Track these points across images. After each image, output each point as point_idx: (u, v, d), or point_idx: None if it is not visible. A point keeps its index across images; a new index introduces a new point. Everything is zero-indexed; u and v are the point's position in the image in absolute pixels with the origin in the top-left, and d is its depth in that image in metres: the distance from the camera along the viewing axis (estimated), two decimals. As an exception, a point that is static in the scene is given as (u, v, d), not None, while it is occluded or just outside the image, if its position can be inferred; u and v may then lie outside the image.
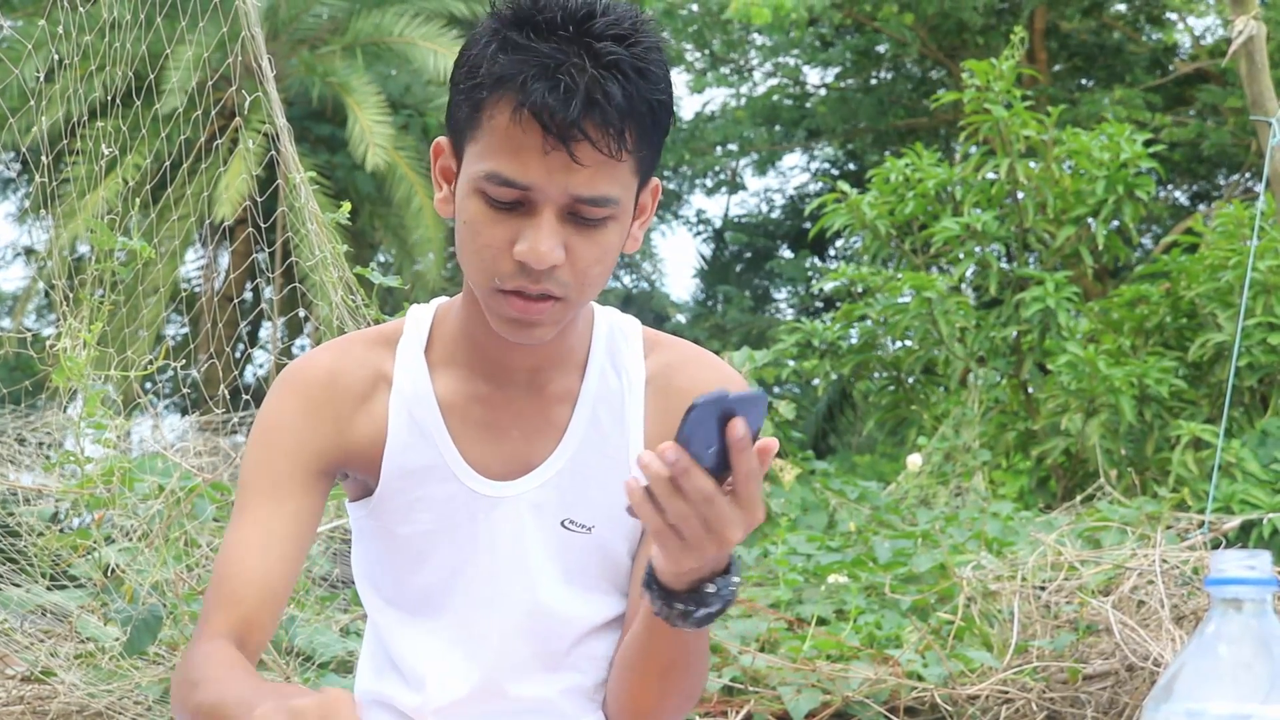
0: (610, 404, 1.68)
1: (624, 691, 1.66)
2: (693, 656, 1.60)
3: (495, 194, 1.50)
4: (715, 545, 1.41)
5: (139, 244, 3.49)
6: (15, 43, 8.90)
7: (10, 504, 3.84)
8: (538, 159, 1.47)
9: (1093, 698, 3.56)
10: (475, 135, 1.52)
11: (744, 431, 1.37)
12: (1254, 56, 5.40)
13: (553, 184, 1.48)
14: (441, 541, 1.66)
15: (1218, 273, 7.82)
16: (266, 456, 1.63)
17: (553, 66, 1.46)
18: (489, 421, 1.66)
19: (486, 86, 1.49)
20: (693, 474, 1.36)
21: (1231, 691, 1.07)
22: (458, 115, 1.55)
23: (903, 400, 9.12)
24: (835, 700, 3.50)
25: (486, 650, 1.68)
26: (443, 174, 1.62)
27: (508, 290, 1.52)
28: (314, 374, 1.66)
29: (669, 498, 1.38)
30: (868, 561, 4.52)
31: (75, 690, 3.19)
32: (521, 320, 1.54)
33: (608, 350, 1.70)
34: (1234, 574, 1.10)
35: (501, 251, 1.51)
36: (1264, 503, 6.42)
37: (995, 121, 8.26)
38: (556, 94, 1.45)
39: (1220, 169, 18.73)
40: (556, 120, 1.45)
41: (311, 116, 17.40)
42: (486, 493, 1.65)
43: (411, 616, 1.70)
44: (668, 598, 1.48)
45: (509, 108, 1.47)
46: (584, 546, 1.67)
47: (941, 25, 17.23)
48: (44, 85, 4.05)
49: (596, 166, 1.49)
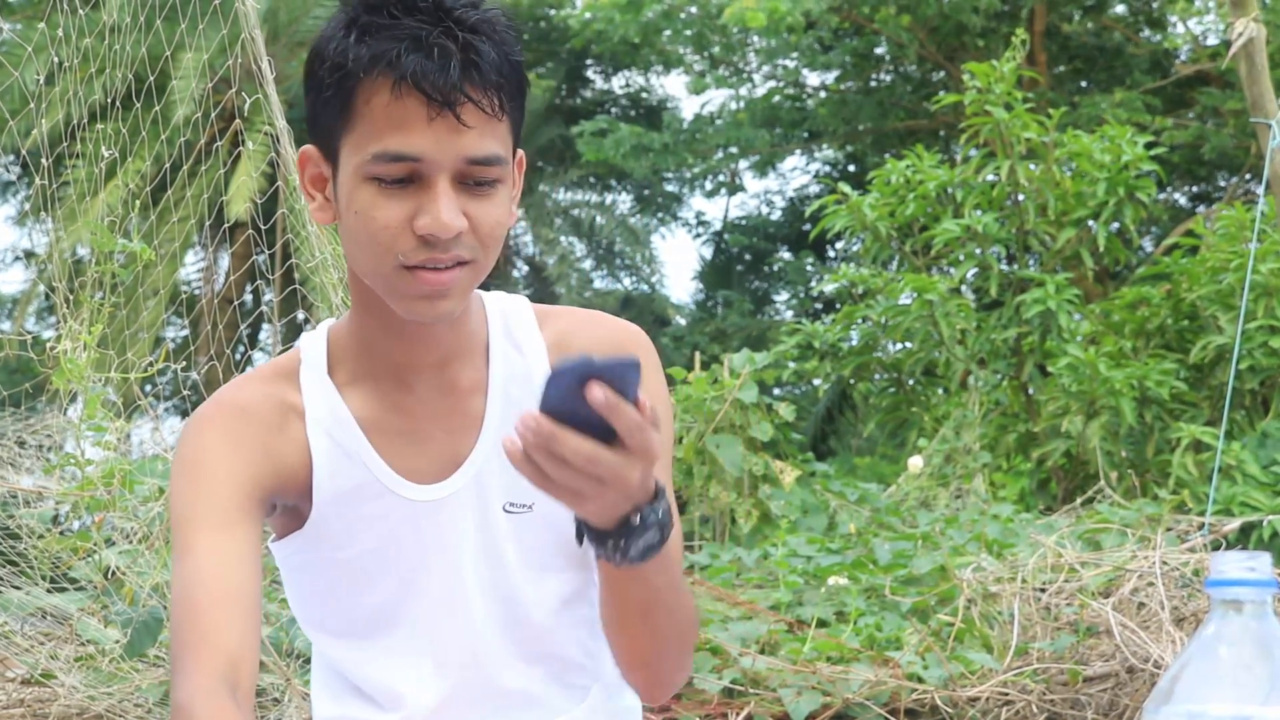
0: (520, 382, 1.67)
1: (620, 648, 1.63)
2: (664, 594, 1.55)
3: (386, 172, 1.49)
4: (615, 491, 1.37)
5: (139, 246, 3.49)
6: (15, 46, 8.90)
7: (10, 506, 3.84)
8: (423, 128, 1.48)
9: (1093, 699, 3.56)
10: (351, 124, 1.51)
11: (604, 395, 1.32)
12: (1254, 58, 5.40)
13: (442, 150, 1.49)
14: (388, 557, 1.63)
15: (1219, 275, 7.83)
16: (201, 489, 1.58)
17: (423, 37, 1.47)
18: (409, 429, 1.64)
19: (356, 73, 1.49)
20: (562, 439, 1.33)
21: (1232, 693, 1.07)
22: (324, 114, 1.54)
23: (903, 402, 9.12)
24: (835, 702, 3.50)
25: (456, 652, 1.66)
26: (313, 183, 1.60)
27: (413, 266, 1.51)
28: (225, 408, 1.63)
29: (549, 463, 1.35)
30: (868, 563, 4.52)
31: (75, 693, 3.19)
32: (432, 294, 1.52)
33: (505, 332, 1.69)
34: (1234, 576, 1.10)
35: (401, 229, 1.50)
36: (1264, 505, 6.42)
37: (996, 123, 8.27)
38: (432, 62, 1.47)
39: (1220, 171, 18.74)
40: (437, 86, 1.47)
41: (311, 118, 17.43)
42: (423, 498, 1.63)
43: (367, 640, 1.66)
44: (600, 539, 1.45)
45: (386, 85, 1.48)
46: (530, 525, 1.66)
47: (941, 27, 17.24)
48: (44, 88, 4.05)
49: (481, 127, 1.50)
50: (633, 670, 1.65)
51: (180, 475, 1.60)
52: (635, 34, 18.21)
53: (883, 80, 20.28)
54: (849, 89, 20.12)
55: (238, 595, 1.52)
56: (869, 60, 19.73)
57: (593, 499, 1.39)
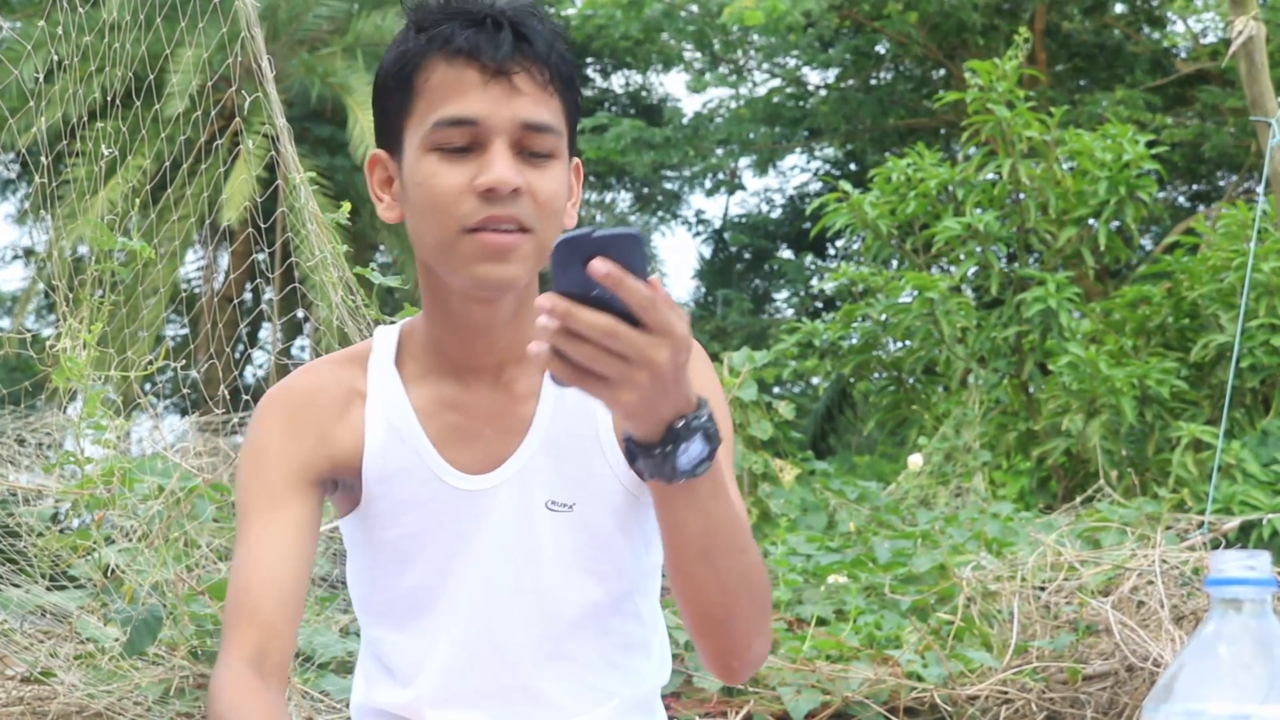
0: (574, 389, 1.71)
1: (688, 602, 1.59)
2: (726, 531, 1.53)
3: (447, 138, 1.58)
4: (646, 373, 1.35)
5: (139, 244, 3.49)
6: (15, 44, 8.90)
7: (10, 504, 3.84)
8: (479, 92, 1.58)
9: (1092, 698, 3.56)
10: (412, 106, 1.61)
11: (607, 267, 1.31)
12: (1253, 57, 5.40)
13: (498, 113, 1.58)
14: (428, 541, 1.68)
15: (1220, 274, 7.83)
16: (258, 475, 1.68)
17: (476, 16, 1.59)
18: (461, 424, 1.70)
19: (415, 57, 1.60)
20: (577, 314, 1.32)
21: (1231, 692, 1.07)
22: (389, 110, 1.64)
23: (903, 400, 9.12)
24: (835, 701, 3.50)
25: (481, 640, 1.70)
26: (380, 186, 1.69)
27: (474, 227, 1.58)
28: (293, 395, 1.72)
29: (570, 345, 1.33)
30: (867, 562, 4.52)
31: (75, 691, 3.18)
32: (495, 254, 1.58)
33: None
34: (1234, 574, 1.10)
35: (463, 192, 1.58)
36: (1264, 504, 6.43)
37: (998, 122, 8.26)
38: (485, 34, 1.58)
39: (1221, 170, 18.73)
40: (490, 54, 1.57)
41: (311, 117, 17.41)
42: (467, 487, 1.68)
43: (403, 621, 1.72)
44: (646, 450, 1.44)
45: (442, 59, 1.59)
46: (570, 526, 1.70)
47: (942, 25, 17.23)
48: (43, 86, 4.05)
49: (534, 94, 1.60)
50: (707, 635, 1.61)
51: (242, 460, 1.71)
52: (638, 32, 18.21)
53: (883, 78, 20.27)
54: (849, 87, 20.12)
55: (280, 576, 1.62)
56: (869, 58, 19.72)
57: (623, 384, 1.36)
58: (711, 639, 1.61)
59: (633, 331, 1.34)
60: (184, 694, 3.23)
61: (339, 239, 3.98)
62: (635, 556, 1.75)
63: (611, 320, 1.33)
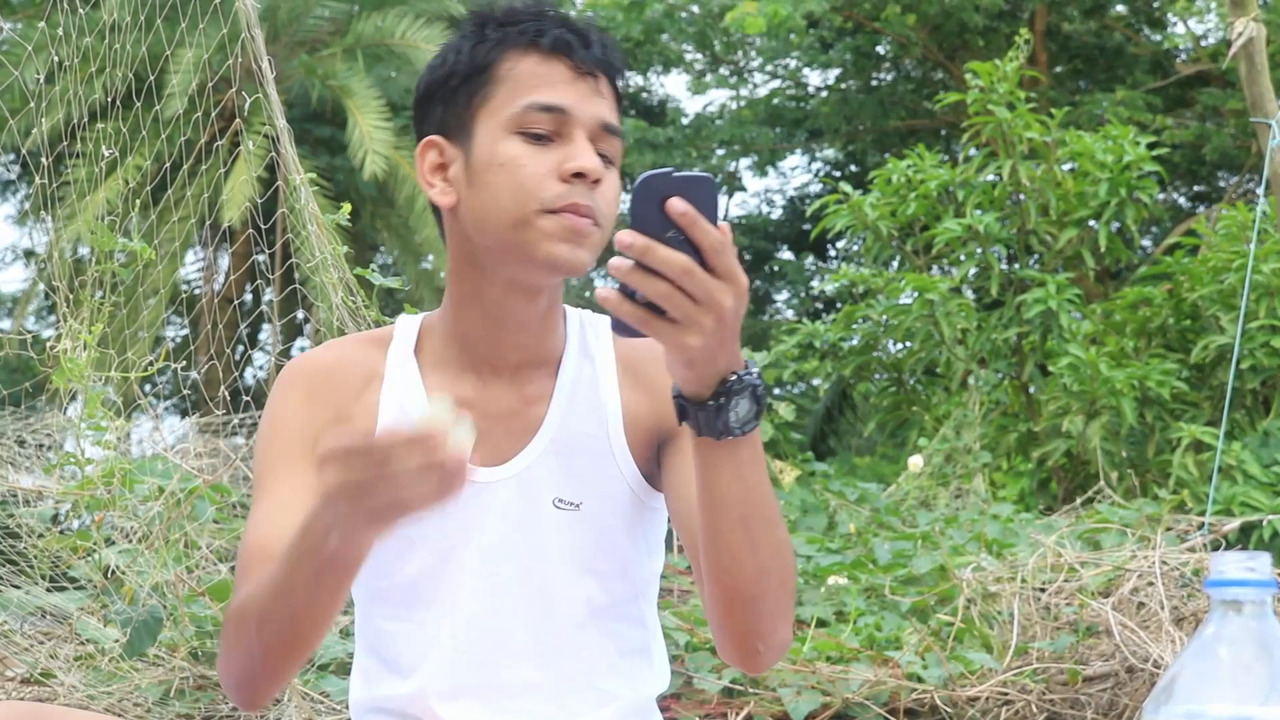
0: (586, 388, 1.76)
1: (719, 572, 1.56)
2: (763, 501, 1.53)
3: (534, 121, 1.64)
4: (712, 318, 1.38)
5: (139, 245, 3.49)
6: (15, 45, 8.91)
7: (10, 506, 3.84)
8: (569, 86, 1.66)
9: (1093, 699, 3.55)
10: (492, 92, 1.67)
11: (684, 207, 1.35)
12: (1254, 58, 5.40)
13: (585, 108, 1.66)
14: (430, 530, 1.68)
15: (1220, 275, 7.82)
16: (277, 442, 1.72)
17: (559, 20, 1.69)
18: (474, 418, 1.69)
19: (499, 49, 1.68)
20: (655, 250, 1.35)
21: (1231, 693, 1.07)
22: (458, 97, 1.69)
23: (904, 402, 9.12)
24: (835, 702, 3.50)
25: (484, 637, 1.70)
26: (432, 171, 1.72)
27: (558, 209, 1.62)
28: (314, 367, 1.76)
29: (644, 281, 1.36)
30: (867, 563, 4.51)
31: (75, 692, 3.18)
32: (574, 233, 1.63)
33: (580, 344, 1.79)
34: (1234, 576, 1.10)
35: (547, 176, 1.63)
36: (1264, 505, 6.42)
37: (998, 123, 8.26)
38: (574, 35, 1.68)
39: (1221, 171, 18.73)
40: (580, 55, 1.67)
41: (311, 119, 17.40)
42: (476, 478, 1.69)
43: (404, 610, 1.72)
44: (699, 405, 1.46)
45: (533, 52, 1.67)
46: (575, 525, 1.71)
47: (943, 26, 17.24)
48: (44, 87, 4.05)
49: (610, 100, 1.70)
50: (734, 614, 1.58)
51: (262, 428, 1.75)
52: (639, 33, 18.21)
53: (883, 79, 20.27)
54: (850, 88, 20.12)
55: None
56: (870, 59, 19.72)
57: (691, 328, 1.38)
58: (739, 619, 1.59)
59: (703, 272, 1.37)
60: (184, 695, 3.23)
61: (339, 240, 3.98)
62: (639, 560, 1.76)
63: (688, 259, 1.36)
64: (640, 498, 1.74)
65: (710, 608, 1.61)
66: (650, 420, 1.75)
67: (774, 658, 1.63)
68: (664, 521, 1.81)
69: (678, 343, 1.40)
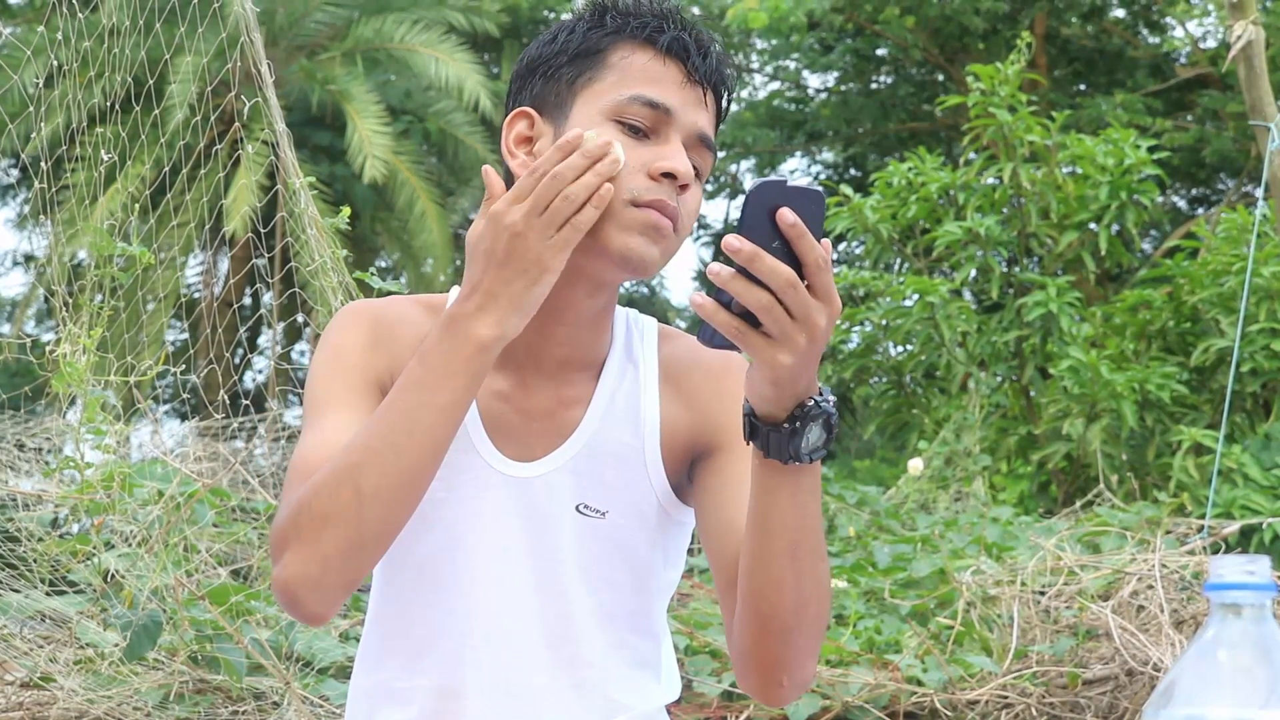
0: (627, 395, 1.73)
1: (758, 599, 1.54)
2: (812, 531, 1.53)
3: (636, 116, 1.63)
4: (805, 336, 1.36)
5: (138, 249, 3.49)
6: (15, 49, 8.91)
7: (10, 509, 3.84)
8: (677, 89, 1.65)
9: (1092, 703, 3.55)
10: (600, 76, 1.65)
11: (794, 219, 1.33)
12: (1253, 62, 5.41)
13: (687, 114, 1.65)
14: (447, 509, 1.67)
15: (1220, 278, 7.83)
16: (336, 372, 1.69)
17: (681, 23, 1.68)
18: (507, 414, 1.70)
19: (616, 35, 1.67)
20: (763, 258, 1.33)
21: (1231, 697, 1.07)
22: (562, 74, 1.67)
23: (904, 404, 9.12)
24: (835, 705, 3.50)
25: (494, 636, 1.68)
26: (518, 141, 1.69)
27: (644, 203, 1.61)
28: (380, 315, 1.74)
29: (746, 290, 1.34)
30: (867, 566, 4.51)
31: (74, 696, 3.18)
32: (655, 226, 1.61)
33: (625, 348, 1.76)
34: (1233, 579, 1.10)
35: (637, 171, 1.61)
36: (1264, 508, 6.42)
37: (999, 126, 8.27)
38: (693, 44, 1.67)
39: (1220, 174, 18.73)
40: (694, 62, 1.66)
41: (311, 124, 17.40)
42: (500, 469, 1.68)
43: (412, 592, 1.70)
44: (774, 427, 1.44)
45: (648, 48, 1.66)
46: (597, 533, 1.69)
47: (943, 29, 17.24)
48: (43, 91, 4.05)
49: (712, 115, 1.69)
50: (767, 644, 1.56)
51: (321, 355, 1.72)
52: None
53: (883, 82, 20.28)
54: (850, 90, 20.12)
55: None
56: (870, 62, 19.73)
57: (784, 344, 1.37)
58: (770, 648, 1.57)
59: (805, 290, 1.36)
60: (184, 699, 3.23)
61: (339, 244, 3.98)
62: (656, 572, 1.75)
63: (793, 272, 1.34)
64: (667, 510, 1.72)
65: (739, 633, 1.59)
66: (687, 434, 1.73)
67: (796, 694, 1.61)
68: (687, 534, 1.79)
69: (769, 359, 1.38)
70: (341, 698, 3.18)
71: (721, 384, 1.74)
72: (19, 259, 20.38)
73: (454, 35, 17.73)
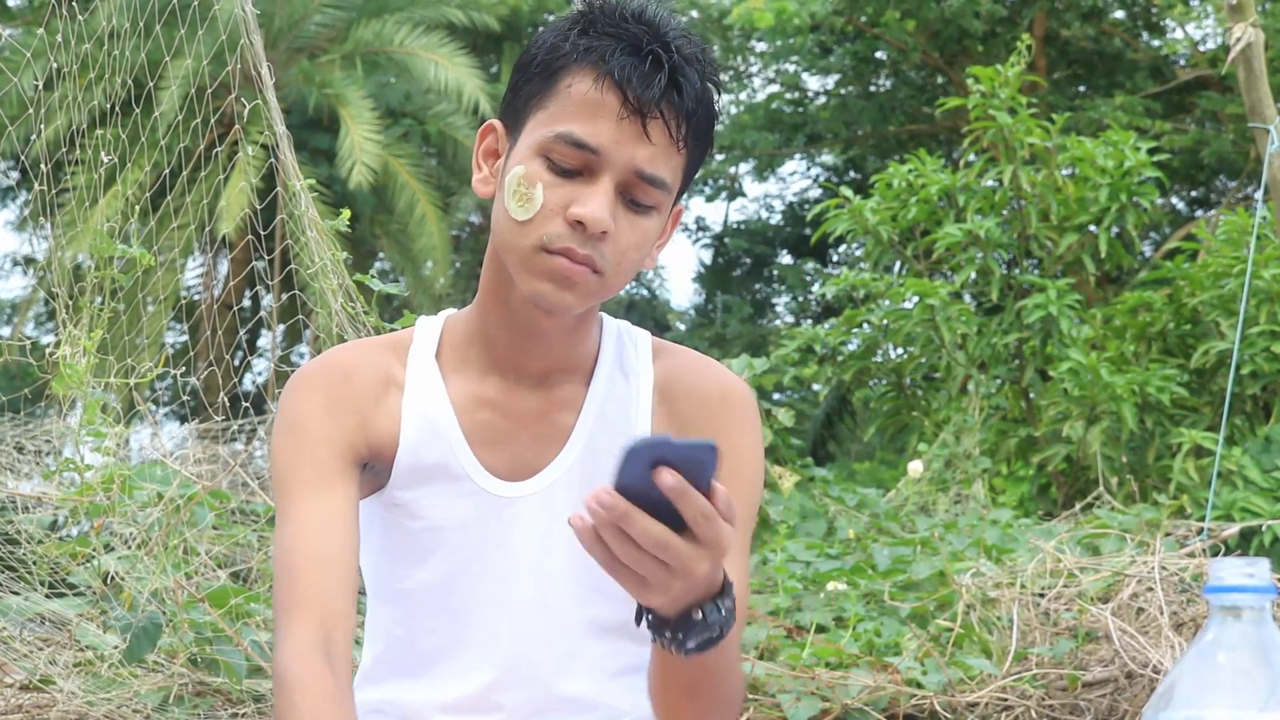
0: (618, 405, 1.71)
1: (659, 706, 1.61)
2: (717, 675, 1.54)
3: (561, 156, 1.56)
4: (681, 583, 1.35)
5: (138, 251, 3.49)
6: (15, 52, 8.90)
7: (9, 512, 3.84)
8: (611, 125, 1.55)
9: (1092, 705, 3.55)
10: (546, 103, 1.58)
11: (673, 480, 1.28)
12: (1252, 64, 5.40)
13: (620, 152, 1.55)
14: (446, 539, 1.67)
15: (1220, 280, 7.82)
16: (301, 451, 1.63)
17: (640, 45, 1.56)
18: (498, 425, 1.69)
19: (570, 57, 1.57)
20: (634, 518, 1.31)
21: (1230, 699, 1.07)
22: (524, 89, 1.61)
23: (903, 406, 9.12)
24: (834, 708, 3.49)
25: (496, 651, 1.68)
26: (486, 155, 1.67)
27: (554, 250, 1.56)
28: (331, 372, 1.68)
29: (618, 543, 1.32)
30: (867, 569, 4.51)
31: (74, 698, 3.18)
32: (564, 278, 1.56)
33: (616, 356, 1.74)
34: (1233, 581, 1.10)
35: (554, 213, 1.56)
36: (1265, 510, 6.42)
37: (999, 128, 8.27)
38: (641, 69, 1.55)
39: (1220, 176, 18.74)
40: (637, 93, 1.54)
41: (309, 126, 17.40)
42: (497, 492, 1.67)
43: (411, 617, 1.70)
44: (659, 628, 1.44)
45: (591, 75, 1.56)
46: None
47: (943, 32, 17.25)
48: (43, 94, 4.05)
49: (661, 147, 1.57)
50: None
51: (282, 435, 1.66)
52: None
53: (883, 84, 20.29)
54: (849, 93, 20.13)
55: (335, 558, 1.58)
56: (869, 64, 19.74)
57: (658, 588, 1.36)
58: None
59: (682, 543, 1.32)
60: (183, 701, 3.23)
61: (338, 246, 3.98)
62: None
63: (665, 532, 1.31)
64: None
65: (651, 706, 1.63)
66: None
67: None
68: None
69: (641, 596, 1.38)
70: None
71: (717, 422, 1.71)
72: (19, 261, 20.38)
73: (453, 39, 17.72)
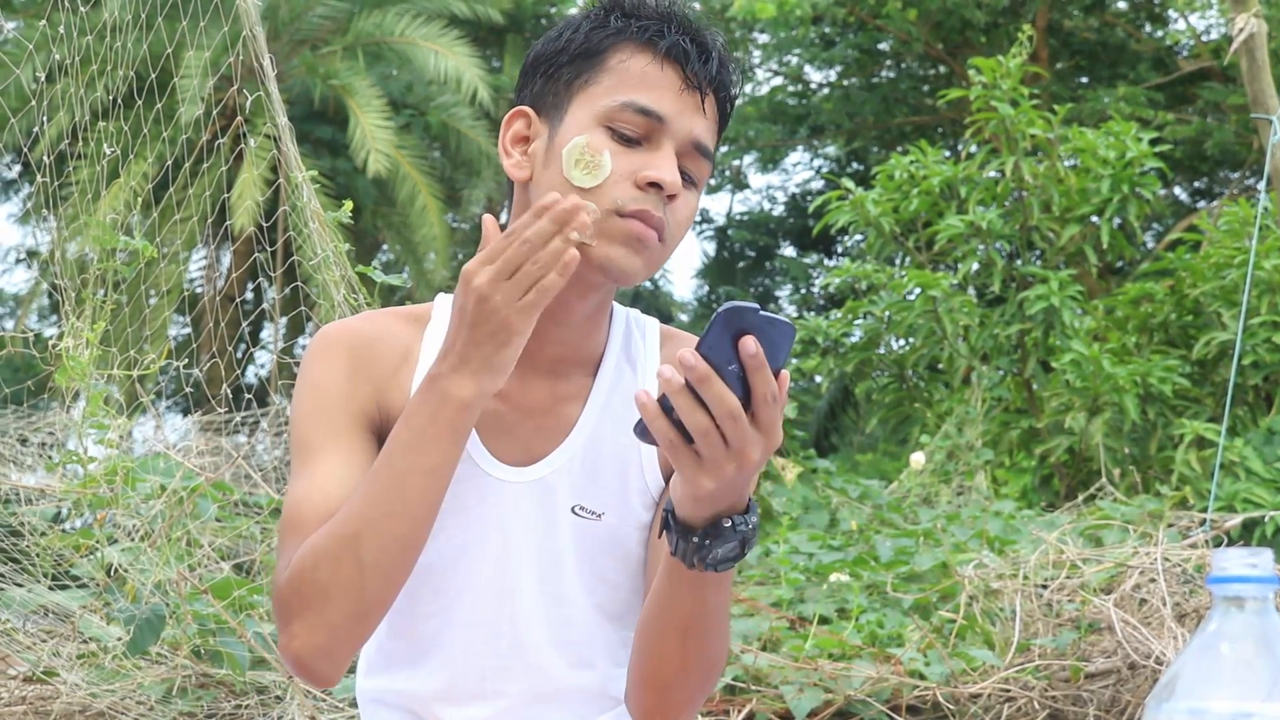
0: (624, 395, 1.72)
1: (644, 658, 1.60)
2: (712, 618, 1.54)
3: (627, 123, 1.60)
4: (735, 466, 1.37)
5: (141, 243, 3.49)
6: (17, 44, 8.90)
7: (13, 504, 3.85)
8: (674, 95, 1.62)
9: (1095, 696, 3.55)
10: (597, 78, 1.63)
11: (755, 349, 1.32)
12: (1254, 54, 5.40)
13: (681, 121, 1.62)
14: (447, 521, 1.66)
15: (1222, 271, 7.82)
16: (320, 411, 1.65)
17: (691, 27, 1.65)
18: (504, 414, 1.69)
19: (621, 35, 1.64)
20: (713, 383, 1.33)
21: (1233, 690, 1.07)
22: (562, 74, 1.64)
23: (906, 398, 9.12)
24: (837, 699, 3.50)
25: (496, 641, 1.68)
26: (515, 140, 1.68)
27: (629, 213, 1.59)
28: (356, 337, 1.70)
29: (690, 410, 1.34)
30: (869, 560, 4.51)
31: (78, 690, 3.19)
32: (638, 240, 1.60)
33: (623, 348, 1.75)
34: (1236, 572, 1.10)
35: (624, 179, 1.59)
36: (1267, 501, 6.42)
37: (1001, 119, 8.26)
38: (695, 47, 1.64)
39: (1222, 166, 18.72)
40: (695, 69, 1.63)
41: (312, 118, 17.40)
42: (499, 476, 1.67)
43: (410, 601, 1.69)
44: (685, 533, 1.45)
45: (647, 51, 1.63)
46: (595, 533, 1.69)
47: (945, 23, 17.23)
48: (45, 87, 4.05)
49: (711, 121, 1.66)
50: (643, 690, 1.62)
51: (303, 396, 1.68)
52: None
53: (885, 76, 20.27)
54: (852, 84, 20.11)
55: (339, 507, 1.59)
56: (872, 56, 19.72)
57: (710, 468, 1.37)
58: (646, 695, 1.62)
59: (747, 421, 1.35)
60: (186, 693, 3.23)
61: (341, 238, 3.98)
62: (651, 571, 1.75)
63: (738, 403, 1.33)
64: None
65: (629, 667, 1.63)
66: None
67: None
68: None
69: (692, 478, 1.39)
70: (344, 692, 3.19)
71: None
72: (22, 255, 20.39)
73: (455, 28, 17.71)
